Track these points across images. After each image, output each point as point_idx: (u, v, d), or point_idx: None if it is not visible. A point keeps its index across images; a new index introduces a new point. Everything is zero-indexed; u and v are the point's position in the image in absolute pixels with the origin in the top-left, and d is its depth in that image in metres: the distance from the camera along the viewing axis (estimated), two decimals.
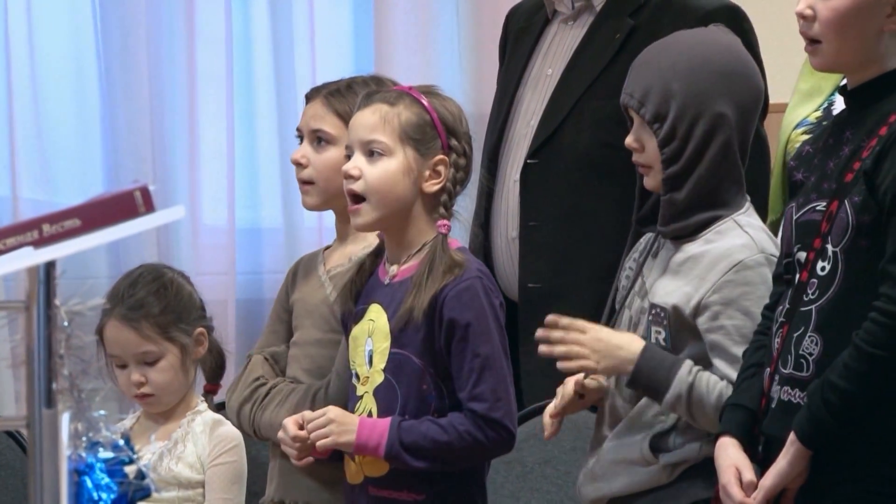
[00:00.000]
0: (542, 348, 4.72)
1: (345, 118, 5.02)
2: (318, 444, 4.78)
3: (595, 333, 4.68)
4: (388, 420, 4.75)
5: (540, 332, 4.71)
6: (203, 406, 5.62)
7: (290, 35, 7.19)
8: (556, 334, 4.69)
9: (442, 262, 4.76)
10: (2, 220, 6.77)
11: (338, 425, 4.78)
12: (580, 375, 4.74)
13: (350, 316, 4.92)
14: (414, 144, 4.77)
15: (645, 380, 4.62)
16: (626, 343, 4.66)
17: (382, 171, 4.77)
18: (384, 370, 4.81)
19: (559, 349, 4.69)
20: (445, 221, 4.81)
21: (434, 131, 4.79)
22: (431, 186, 4.79)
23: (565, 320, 4.68)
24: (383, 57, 7.12)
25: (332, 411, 4.81)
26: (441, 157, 4.79)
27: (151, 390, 5.56)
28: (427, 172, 4.79)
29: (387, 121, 4.77)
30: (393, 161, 4.77)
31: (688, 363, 4.60)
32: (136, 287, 5.60)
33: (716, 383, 4.57)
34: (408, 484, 4.76)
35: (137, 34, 7.12)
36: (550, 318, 4.71)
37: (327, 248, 5.28)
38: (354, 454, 4.78)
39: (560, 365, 4.71)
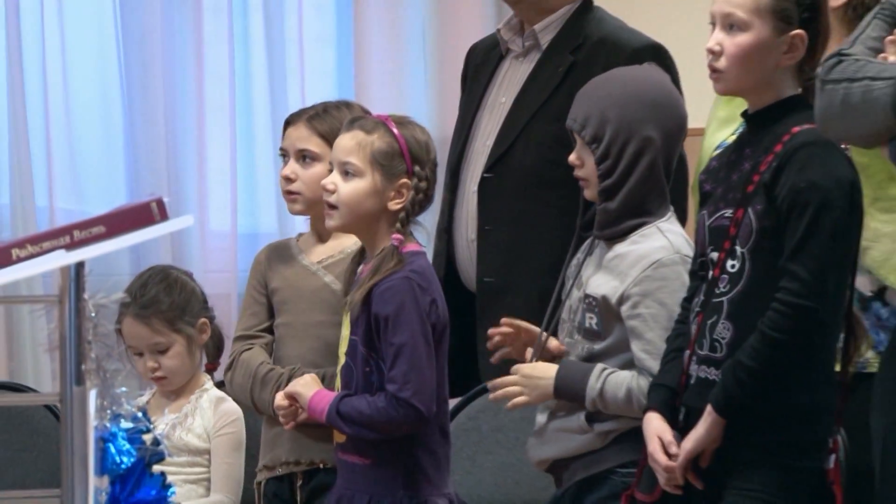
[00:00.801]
0: (492, 396, 4.84)
1: (326, 137, 5.04)
2: (299, 417, 4.86)
3: (521, 372, 4.72)
4: (334, 393, 4.80)
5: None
6: (210, 384, 5.61)
7: (284, 72, 7.19)
8: (496, 382, 4.78)
9: (387, 261, 4.78)
10: (40, 227, 6.76)
11: (304, 385, 4.86)
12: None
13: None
14: (382, 169, 4.78)
15: (566, 394, 4.64)
16: (543, 372, 4.69)
17: (353, 189, 4.79)
18: (346, 353, 4.84)
19: (499, 394, 4.76)
20: (398, 235, 4.79)
21: (401, 159, 4.79)
22: (395, 205, 4.79)
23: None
24: (362, 89, 7.12)
25: (297, 385, 4.88)
26: (405, 181, 4.79)
27: (164, 374, 5.55)
28: (391, 193, 4.79)
29: (361, 146, 4.78)
30: (363, 182, 4.78)
31: (596, 370, 4.61)
32: (147, 287, 5.58)
33: (623, 380, 4.57)
34: (358, 449, 4.76)
35: (155, 71, 7.11)
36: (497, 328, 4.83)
37: (298, 239, 5.28)
38: (308, 414, 4.83)
39: (506, 406, 4.80)
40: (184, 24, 7.17)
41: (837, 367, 4.45)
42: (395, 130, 4.82)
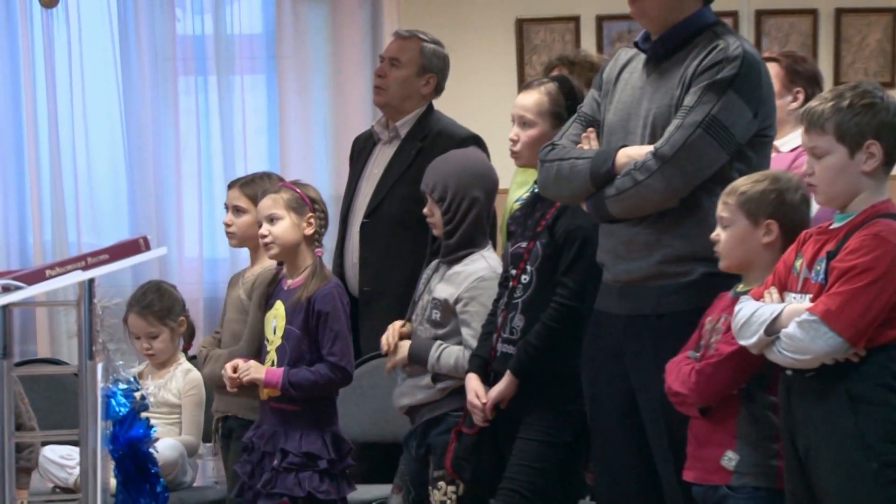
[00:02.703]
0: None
1: (251, 197, 5.01)
2: (244, 379, 4.78)
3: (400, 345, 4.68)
4: (283, 368, 4.72)
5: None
6: (183, 360, 5.58)
7: (233, 149, 7.09)
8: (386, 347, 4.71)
9: (318, 275, 4.76)
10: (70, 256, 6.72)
11: (254, 370, 4.76)
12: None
13: (265, 307, 4.90)
14: (294, 210, 4.75)
15: (416, 360, 4.61)
16: (404, 347, 4.65)
17: (280, 228, 4.76)
18: (282, 337, 4.78)
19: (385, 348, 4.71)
20: (320, 250, 4.79)
21: (303, 202, 4.76)
22: (308, 230, 4.77)
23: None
24: (285, 162, 7.03)
25: (253, 363, 4.80)
26: (310, 214, 4.77)
27: (154, 353, 5.54)
28: (304, 224, 4.77)
29: (275, 201, 4.77)
30: (286, 221, 4.76)
31: (435, 345, 4.58)
32: (145, 294, 5.57)
33: (452, 353, 4.55)
34: (290, 400, 4.72)
35: (146, 144, 7.05)
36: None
37: (240, 272, 5.23)
38: (264, 386, 4.75)
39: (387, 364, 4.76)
40: (166, 115, 7.07)
41: None
42: (297, 189, 4.80)
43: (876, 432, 3.36)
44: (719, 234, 3.69)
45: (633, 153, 3.82)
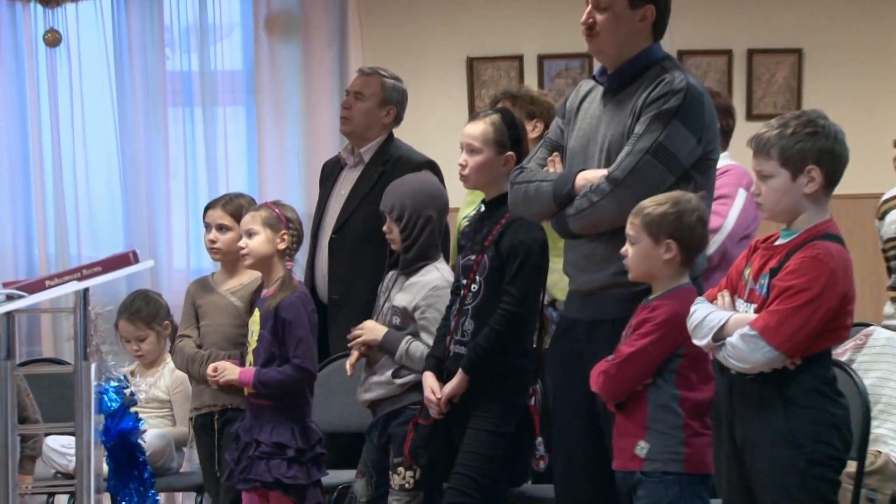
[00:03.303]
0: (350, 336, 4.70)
1: (234, 216, 4.96)
2: (220, 380, 4.75)
3: (369, 328, 4.65)
4: (252, 369, 4.69)
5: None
6: (170, 360, 5.51)
7: (216, 172, 7.08)
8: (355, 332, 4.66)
9: (286, 286, 4.70)
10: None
11: (229, 371, 4.74)
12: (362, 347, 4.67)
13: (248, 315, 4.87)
14: (270, 227, 4.71)
15: (386, 348, 4.58)
16: (379, 331, 4.60)
17: (256, 242, 4.72)
18: (257, 341, 4.74)
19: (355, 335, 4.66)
20: (290, 263, 4.74)
21: (279, 221, 4.73)
22: (281, 245, 4.73)
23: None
24: (262, 184, 7.03)
25: (228, 365, 4.77)
26: (284, 231, 4.73)
27: (142, 353, 5.52)
28: (278, 239, 4.72)
29: (254, 218, 4.73)
30: (261, 236, 4.72)
31: (405, 339, 4.54)
32: (134, 302, 5.56)
33: (417, 347, 4.52)
34: (263, 395, 4.68)
35: (139, 167, 7.03)
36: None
37: (212, 276, 5.14)
38: (238, 385, 4.72)
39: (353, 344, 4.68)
40: (157, 142, 7.04)
41: (535, 345, 4.41)
42: (275, 209, 4.77)
43: (806, 433, 3.35)
44: (627, 249, 3.68)
45: (590, 176, 3.81)
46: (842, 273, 3.35)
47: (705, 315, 3.47)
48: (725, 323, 3.42)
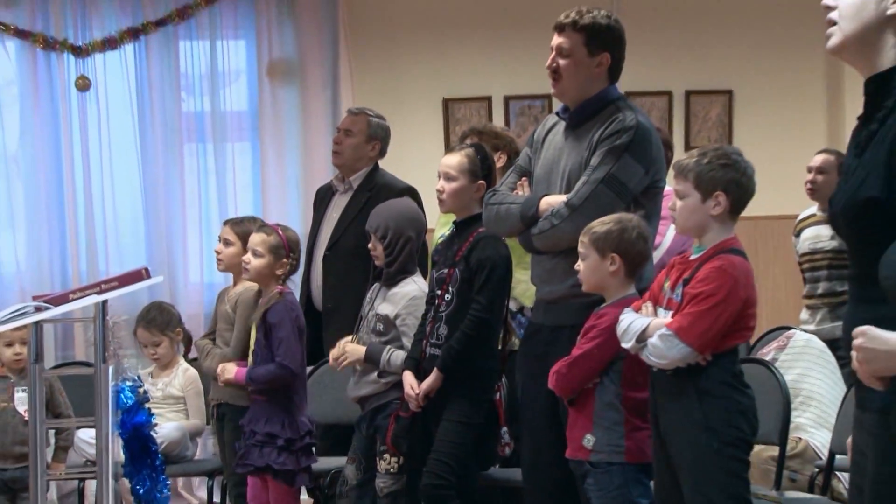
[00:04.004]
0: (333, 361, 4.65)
1: (240, 235, 4.91)
2: (221, 379, 4.75)
3: (350, 350, 4.59)
4: (246, 368, 4.69)
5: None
6: (183, 362, 5.54)
7: (226, 199, 7.02)
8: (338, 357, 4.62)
9: (273, 300, 4.65)
10: None
11: (228, 371, 4.73)
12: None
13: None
14: (272, 252, 4.69)
15: (370, 359, 4.54)
16: (360, 350, 4.56)
17: (259, 262, 4.69)
18: (254, 343, 4.72)
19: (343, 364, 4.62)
20: (281, 287, 4.68)
21: (283, 247, 4.69)
22: (279, 271, 4.70)
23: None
24: (267, 207, 6.98)
25: (228, 366, 4.75)
26: (284, 260, 4.70)
27: (158, 357, 5.50)
28: (277, 266, 4.69)
29: (263, 241, 4.69)
30: (264, 259, 4.69)
31: (387, 349, 4.51)
32: (150, 312, 5.55)
33: (398, 356, 4.48)
34: (260, 392, 4.66)
35: (158, 194, 6.94)
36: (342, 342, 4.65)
37: (225, 289, 5.12)
38: (235, 383, 4.69)
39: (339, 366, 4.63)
40: (174, 173, 6.99)
41: (500, 347, 4.39)
42: (281, 233, 4.74)
43: (718, 418, 3.35)
44: (579, 264, 3.69)
45: (552, 201, 3.82)
46: (744, 281, 3.38)
47: (630, 322, 3.49)
48: (647, 327, 3.44)
